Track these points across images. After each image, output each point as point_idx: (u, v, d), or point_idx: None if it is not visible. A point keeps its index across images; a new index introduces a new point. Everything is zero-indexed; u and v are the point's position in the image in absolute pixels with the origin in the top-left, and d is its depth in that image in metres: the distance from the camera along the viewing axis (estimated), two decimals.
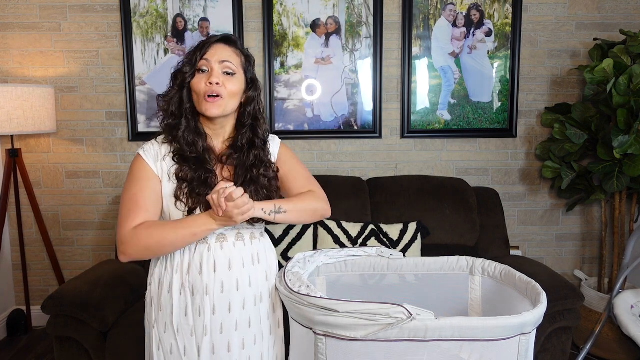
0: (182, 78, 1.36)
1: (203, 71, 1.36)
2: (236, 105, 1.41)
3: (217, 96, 1.34)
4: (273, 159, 1.50)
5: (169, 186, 1.36)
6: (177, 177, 1.35)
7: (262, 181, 1.41)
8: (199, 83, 1.35)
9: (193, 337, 1.36)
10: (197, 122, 1.40)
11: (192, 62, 1.36)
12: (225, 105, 1.37)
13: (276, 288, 1.46)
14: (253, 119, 1.44)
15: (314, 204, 1.46)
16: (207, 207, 1.34)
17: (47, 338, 2.83)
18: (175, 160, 1.37)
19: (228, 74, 1.37)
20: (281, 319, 1.50)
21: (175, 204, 1.34)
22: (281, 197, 1.47)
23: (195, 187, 1.34)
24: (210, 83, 1.33)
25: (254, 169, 1.40)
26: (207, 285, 1.35)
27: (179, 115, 1.37)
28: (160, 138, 1.41)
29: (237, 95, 1.39)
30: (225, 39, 1.40)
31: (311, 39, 2.85)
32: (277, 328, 1.49)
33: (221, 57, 1.36)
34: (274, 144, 1.53)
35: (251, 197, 1.35)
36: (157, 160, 1.38)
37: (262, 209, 1.34)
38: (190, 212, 1.34)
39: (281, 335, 1.51)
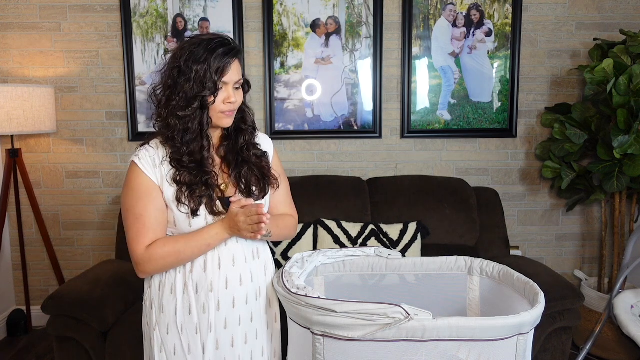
0: (202, 100, 1.33)
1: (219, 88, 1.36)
2: None
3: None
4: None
5: (170, 190, 1.37)
6: (176, 181, 1.36)
7: (254, 160, 1.46)
8: (219, 103, 1.36)
9: (198, 335, 1.38)
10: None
11: (210, 84, 1.32)
12: (235, 114, 1.43)
13: (272, 286, 1.48)
14: (242, 112, 1.48)
15: (290, 232, 1.59)
16: (211, 207, 1.37)
17: (47, 338, 2.83)
18: (173, 164, 1.37)
19: (238, 88, 1.41)
20: (278, 313, 1.53)
21: (178, 206, 1.36)
22: (271, 182, 1.51)
23: (195, 190, 1.36)
24: (231, 102, 1.37)
25: (245, 150, 1.46)
26: (211, 282, 1.38)
27: (200, 137, 1.37)
28: (154, 142, 1.41)
29: None
30: (237, 53, 1.37)
31: (311, 39, 2.85)
32: (273, 322, 1.53)
33: (237, 77, 1.38)
34: (267, 143, 1.56)
35: (246, 175, 1.43)
36: (155, 166, 1.37)
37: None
38: (193, 213, 1.36)
39: (278, 329, 1.54)
